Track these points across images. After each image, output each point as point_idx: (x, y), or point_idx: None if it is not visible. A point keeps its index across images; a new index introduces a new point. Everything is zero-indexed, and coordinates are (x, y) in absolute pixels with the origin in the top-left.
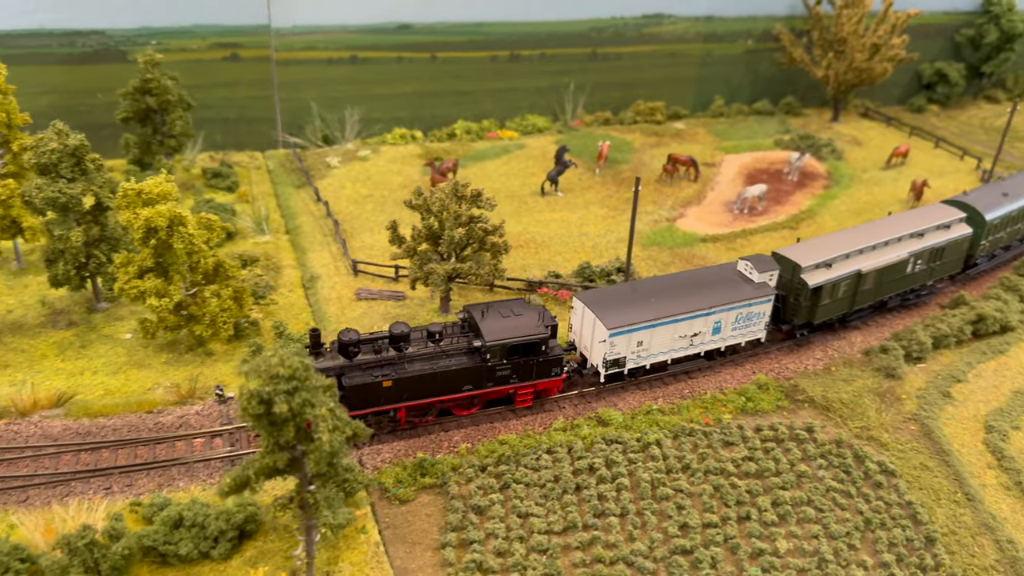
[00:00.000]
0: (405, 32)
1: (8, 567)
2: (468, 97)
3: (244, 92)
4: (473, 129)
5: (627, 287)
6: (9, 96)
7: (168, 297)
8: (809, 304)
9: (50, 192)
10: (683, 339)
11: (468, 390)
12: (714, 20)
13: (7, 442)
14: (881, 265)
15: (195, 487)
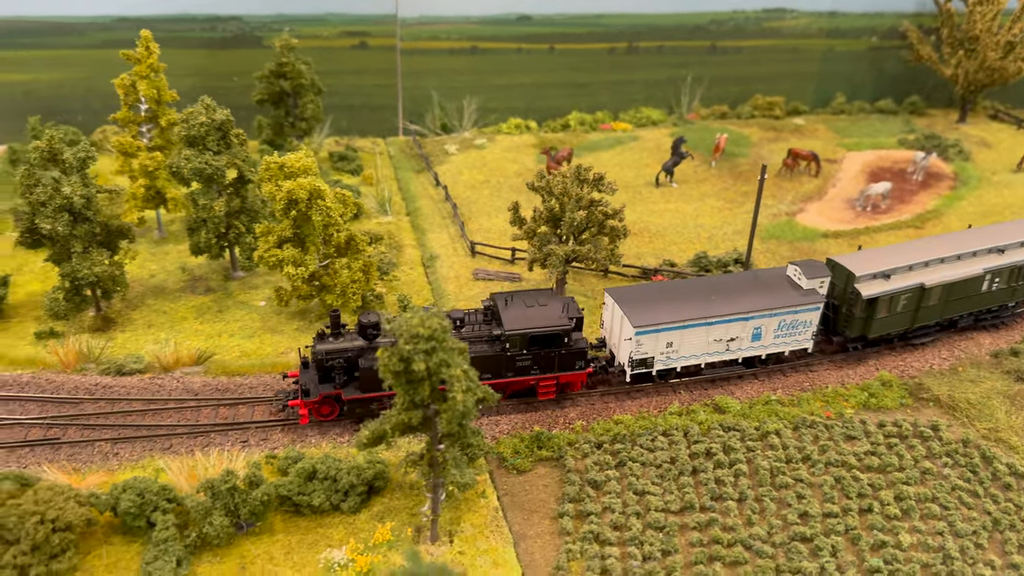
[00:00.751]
0: (525, 23)
1: (157, 505)
2: (583, 89)
3: (370, 80)
4: (587, 120)
5: (664, 285)
6: (160, 74)
7: (304, 267)
8: (864, 316)
9: (197, 163)
10: (718, 343)
11: (487, 379)
12: (837, 15)
13: (152, 394)
14: (949, 280)
15: (326, 443)
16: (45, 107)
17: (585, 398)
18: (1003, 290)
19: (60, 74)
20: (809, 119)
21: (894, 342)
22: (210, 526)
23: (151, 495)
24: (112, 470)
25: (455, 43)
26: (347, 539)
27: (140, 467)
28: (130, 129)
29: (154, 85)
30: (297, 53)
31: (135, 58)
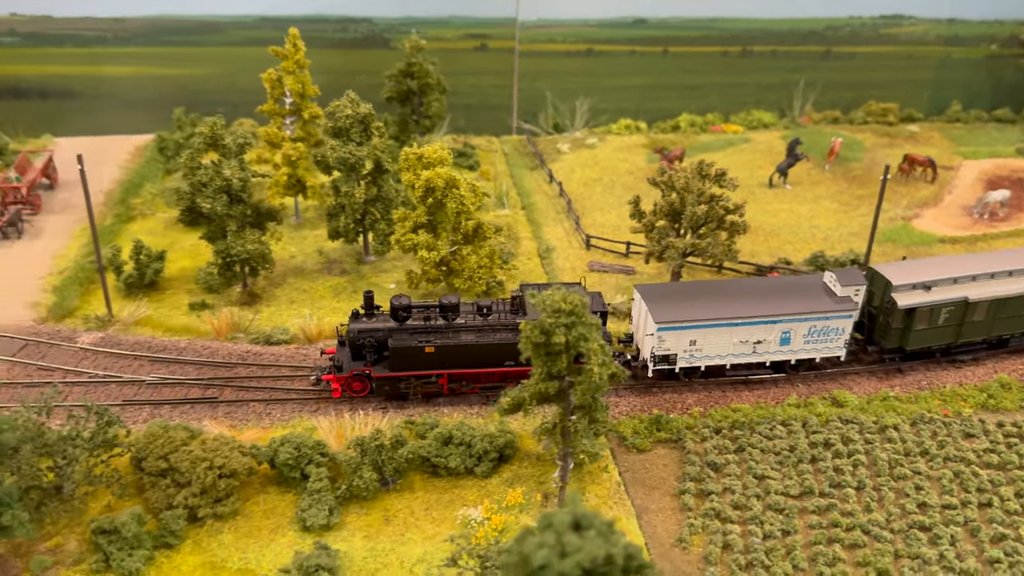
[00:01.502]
0: (640, 26)
1: (311, 459)
2: (695, 91)
3: (488, 81)
4: (697, 122)
5: (695, 285)
6: (305, 70)
7: (436, 251)
8: (901, 328)
9: (342, 152)
10: (744, 345)
11: (510, 365)
12: (956, 23)
13: (298, 362)
14: (996, 296)
15: (457, 413)
16: (189, 100)
17: (702, 387)
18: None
19: (205, 69)
20: (924, 126)
21: (936, 356)
22: (359, 479)
23: (306, 449)
24: (265, 428)
25: (571, 45)
26: (481, 500)
27: (291, 426)
28: (275, 121)
29: (299, 80)
30: (425, 54)
31: (283, 54)
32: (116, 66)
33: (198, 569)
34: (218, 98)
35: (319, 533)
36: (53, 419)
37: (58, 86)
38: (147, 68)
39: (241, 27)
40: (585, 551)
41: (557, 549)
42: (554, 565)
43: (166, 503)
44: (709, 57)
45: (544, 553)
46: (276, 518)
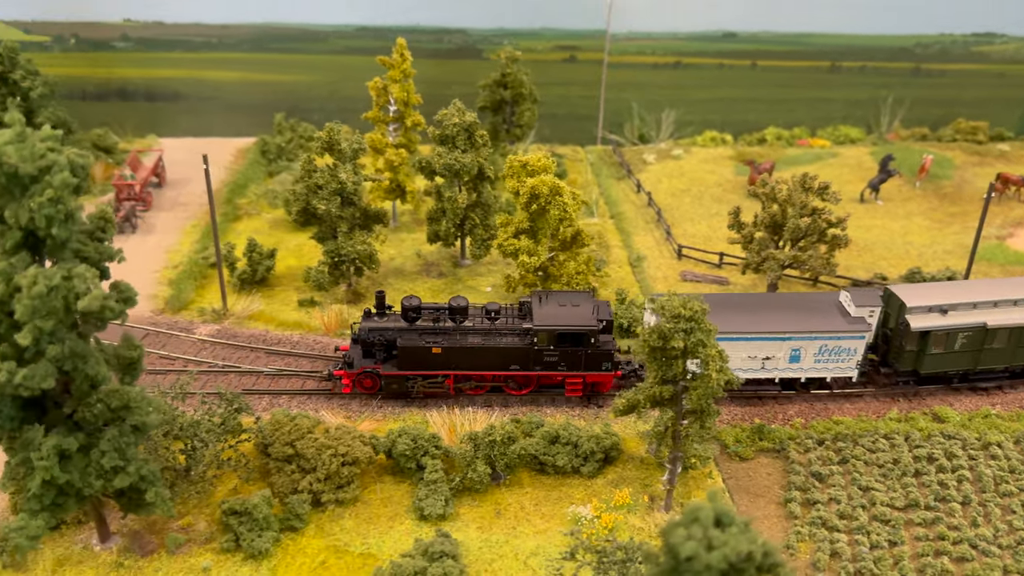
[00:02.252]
0: (729, 40)
1: (427, 451)
2: (782, 105)
3: (575, 91)
4: (784, 136)
5: (710, 298)
6: (410, 80)
7: (536, 256)
8: (914, 351)
9: (448, 159)
10: (752, 360)
11: (515, 369)
12: None
13: None
14: (1018, 324)
15: (560, 415)
16: (289, 105)
17: (802, 399)
18: None
19: (305, 76)
20: (1014, 145)
21: (953, 382)
22: (473, 473)
23: (422, 441)
24: (378, 420)
25: (660, 58)
26: (589, 499)
27: (402, 419)
28: (379, 128)
29: (404, 89)
30: (518, 65)
31: (389, 64)
32: (221, 71)
33: (323, 552)
34: (316, 104)
35: (435, 523)
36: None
37: (165, 89)
38: (250, 74)
39: (341, 36)
40: (730, 545)
41: (704, 542)
42: (701, 557)
43: (291, 488)
44: (797, 71)
45: (692, 545)
46: (393, 506)
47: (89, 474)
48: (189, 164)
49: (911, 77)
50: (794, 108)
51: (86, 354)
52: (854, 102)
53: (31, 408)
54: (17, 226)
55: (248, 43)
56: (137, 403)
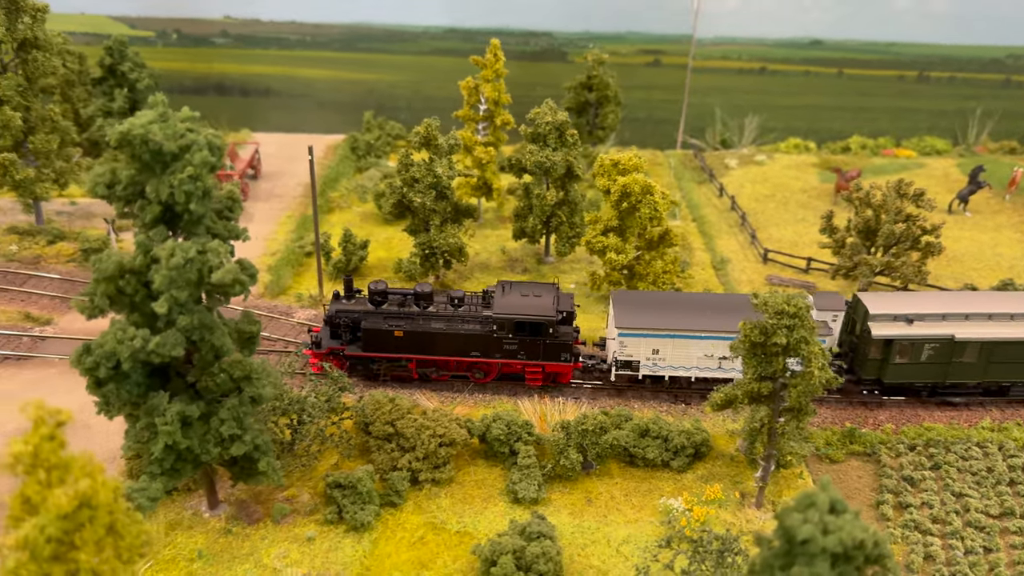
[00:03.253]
0: (816, 47)
1: (520, 436)
2: (867, 113)
3: (658, 95)
4: (868, 145)
5: (669, 295)
6: (501, 80)
7: (624, 254)
8: (878, 359)
9: (539, 156)
10: (708, 359)
11: (476, 356)
12: None
13: None
14: (989, 339)
15: (647, 409)
16: (377, 103)
17: (894, 404)
18: None
19: (393, 75)
20: None
21: (921, 394)
22: (566, 460)
23: (516, 427)
24: (470, 405)
25: (745, 64)
26: (679, 492)
27: (492, 406)
28: (469, 126)
29: (496, 88)
30: (605, 67)
31: (482, 64)
32: (313, 68)
33: (421, 528)
34: (403, 103)
35: (528, 506)
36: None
37: (259, 85)
38: (341, 72)
39: (430, 37)
40: (846, 531)
41: (820, 526)
42: (817, 540)
43: (391, 465)
44: (884, 80)
45: (809, 528)
46: (487, 488)
47: (208, 441)
48: (281, 158)
49: (1001, 89)
50: (879, 117)
51: (213, 325)
52: (941, 113)
53: (155, 376)
54: (157, 201)
55: (340, 42)
56: (258, 374)
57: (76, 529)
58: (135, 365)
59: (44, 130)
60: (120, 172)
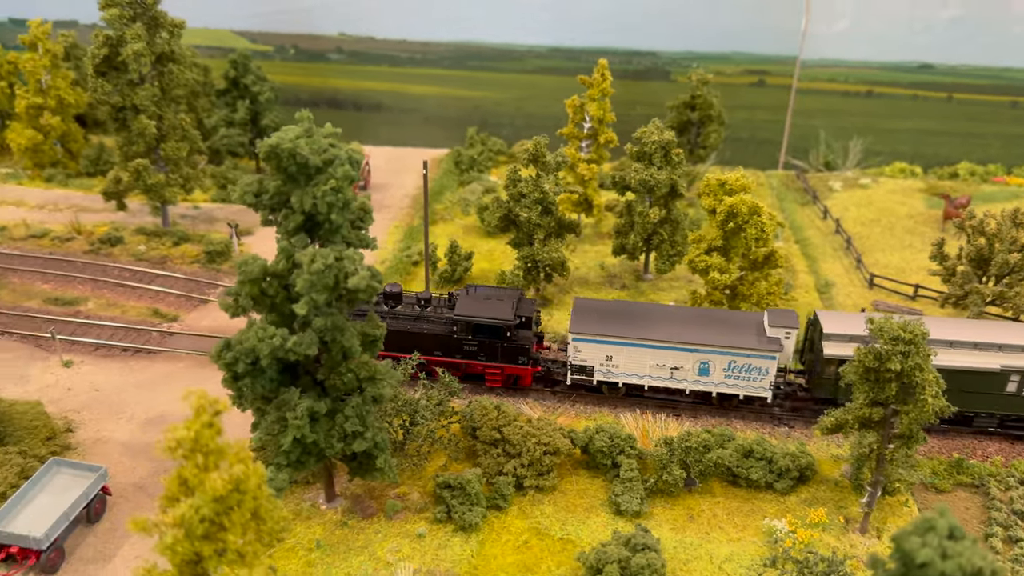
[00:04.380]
0: (926, 71)
1: (623, 449)
2: (977, 139)
3: (760, 115)
4: (978, 171)
5: (627, 304)
6: (607, 99)
7: (728, 274)
8: (830, 378)
9: (644, 175)
10: (660, 368)
11: (439, 356)
12: None
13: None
14: (947, 367)
15: (749, 430)
16: (481, 119)
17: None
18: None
19: (495, 93)
20: None
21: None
22: (669, 475)
23: (619, 440)
24: (571, 416)
25: (851, 86)
26: (783, 514)
27: (593, 419)
28: (572, 143)
29: (601, 107)
30: (709, 87)
31: (589, 83)
32: (421, 85)
33: (525, 532)
34: (505, 120)
35: (630, 519)
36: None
37: (370, 100)
38: (447, 89)
39: (535, 55)
40: (965, 557)
41: (939, 551)
42: (936, 564)
43: (496, 470)
44: (996, 106)
45: (927, 552)
46: (589, 498)
47: (332, 436)
48: (389, 170)
49: None
50: (990, 143)
51: (344, 327)
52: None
53: (286, 373)
54: (300, 210)
55: (448, 60)
56: (382, 375)
57: (226, 511)
58: (271, 362)
59: (175, 138)
60: (267, 183)
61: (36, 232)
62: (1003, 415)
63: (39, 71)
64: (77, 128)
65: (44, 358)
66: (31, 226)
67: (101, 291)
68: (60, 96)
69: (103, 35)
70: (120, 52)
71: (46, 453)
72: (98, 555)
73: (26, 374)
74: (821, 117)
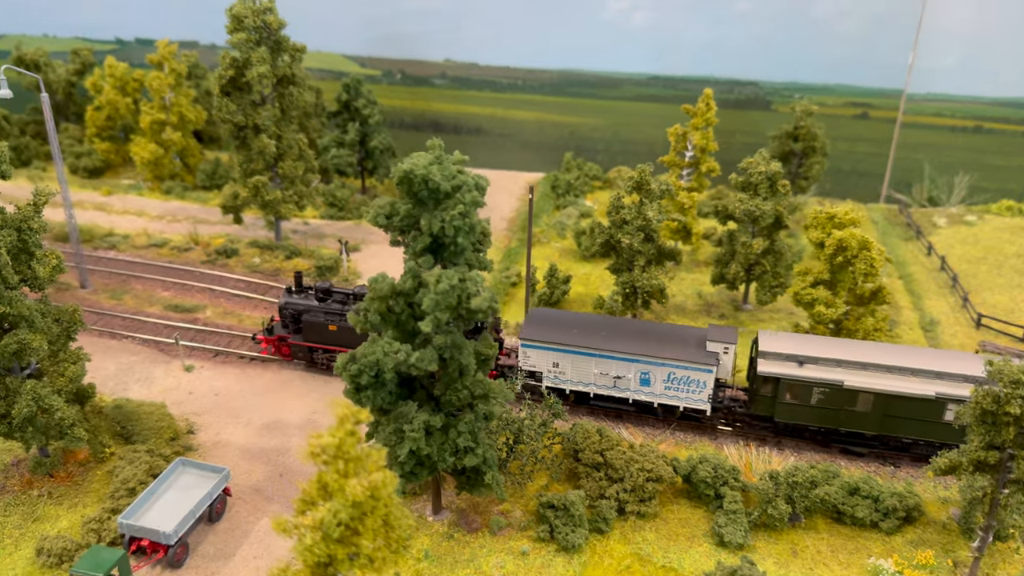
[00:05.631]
0: None
1: (726, 481)
2: None
3: (862, 148)
4: None
5: (582, 316)
6: (711, 128)
7: (834, 308)
8: (768, 396)
9: (749, 205)
10: (604, 377)
11: None
12: None
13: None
14: (882, 390)
15: (854, 468)
16: (577, 146)
17: None
18: None
19: (592, 119)
20: None
21: (822, 439)
22: (773, 509)
23: (723, 471)
24: (671, 445)
25: (958, 121)
26: (889, 554)
27: (693, 448)
28: (673, 171)
29: (705, 136)
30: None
31: (693, 112)
32: (520, 111)
33: (627, 557)
34: (601, 145)
35: (734, 550)
36: None
37: (471, 123)
38: (545, 114)
39: (634, 83)
40: None
41: None
42: None
43: (598, 493)
44: None
45: None
46: (691, 528)
47: (445, 450)
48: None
49: None
50: None
51: (462, 345)
52: None
53: (403, 386)
54: (428, 233)
55: (549, 87)
56: (495, 393)
57: (361, 517)
58: (393, 376)
59: (292, 157)
60: (399, 206)
61: (157, 241)
62: (941, 445)
63: (164, 89)
64: (195, 143)
65: (167, 362)
66: (152, 235)
67: (218, 300)
68: (182, 113)
69: (230, 57)
70: (245, 74)
71: (171, 453)
72: (219, 553)
73: (150, 376)
74: (925, 151)
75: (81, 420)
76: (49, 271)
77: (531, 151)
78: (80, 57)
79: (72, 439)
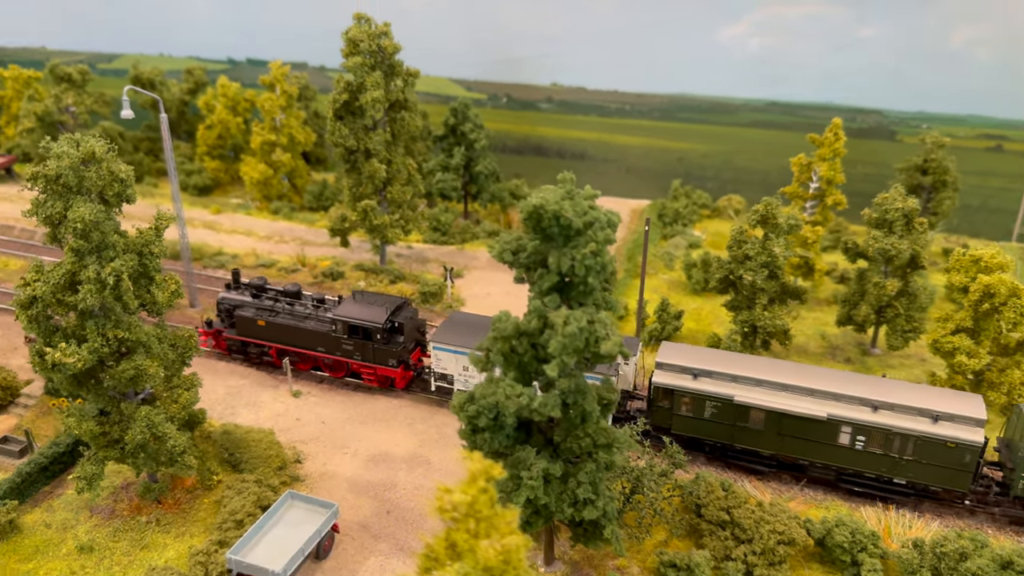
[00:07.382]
0: None
1: (864, 547)
2: None
3: (995, 183)
4: None
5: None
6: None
7: (977, 358)
8: (664, 408)
9: (883, 243)
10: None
11: (322, 352)
12: None
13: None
14: (769, 408)
15: (1003, 536)
16: (686, 172)
17: None
18: (878, 457)
19: (702, 145)
20: None
21: (721, 454)
22: None
23: (861, 536)
24: (800, 503)
25: None
26: None
27: (824, 506)
28: (796, 203)
29: (832, 168)
30: (944, 151)
31: (819, 141)
32: (627, 136)
33: None
34: (710, 173)
35: None
36: None
37: (575, 148)
38: (652, 140)
39: (750, 109)
40: None
41: None
42: None
43: (724, 554)
44: None
45: None
46: None
47: (563, 500)
48: None
49: None
50: None
51: (586, 390)
52: None
53: (520, 430)
54: (556, 271)
55: (658, 111)
56: (619, 443)
57: None
58: (513, 420)
59: (400, 181)
60: (526, 242)
61: (265, 262)
62: (839, 469)
63: (275, 110)
64: (303, 165)
65: (274, 386)
66: (260, 255)
67: None
68: (292, 134)
69: (344, 81)
70: (359, 98)
71: (278, 483)
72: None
73: (258, 401)
74: None
75: (191, 447)
76: (168, 296)
77: (636, 177)
78: (194, 76)
79: (182, 466)
